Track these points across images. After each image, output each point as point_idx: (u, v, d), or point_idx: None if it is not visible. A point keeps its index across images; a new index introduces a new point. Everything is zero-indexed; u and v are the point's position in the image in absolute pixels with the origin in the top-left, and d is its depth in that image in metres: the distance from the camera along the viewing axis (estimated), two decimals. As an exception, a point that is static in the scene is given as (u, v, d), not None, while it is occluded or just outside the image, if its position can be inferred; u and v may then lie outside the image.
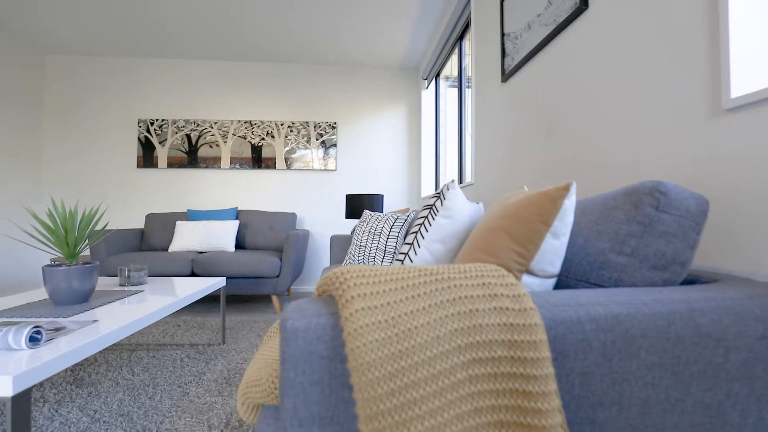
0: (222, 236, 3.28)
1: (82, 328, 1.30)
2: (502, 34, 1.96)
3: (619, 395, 0.58)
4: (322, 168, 4.05)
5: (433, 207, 0.86)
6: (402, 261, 0.86)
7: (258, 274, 3.01)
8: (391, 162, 4.17)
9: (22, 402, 0.96)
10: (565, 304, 0.56)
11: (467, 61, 3.15)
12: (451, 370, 0.46)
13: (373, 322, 0.46)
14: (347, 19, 3.30)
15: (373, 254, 2.28)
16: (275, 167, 4.02)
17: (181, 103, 4.01)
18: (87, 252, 3.93)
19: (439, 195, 0.87)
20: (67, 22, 3.34)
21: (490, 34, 2.17)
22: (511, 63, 1.87)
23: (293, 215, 3.70)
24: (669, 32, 0.97)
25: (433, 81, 3.87)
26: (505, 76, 1.93)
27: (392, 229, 2.29)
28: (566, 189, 0.62)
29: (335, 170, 4.09)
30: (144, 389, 1.76)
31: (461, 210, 0.86)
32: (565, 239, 0.65)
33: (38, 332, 1.12)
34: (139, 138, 3.94)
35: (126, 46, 3.77)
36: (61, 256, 3.65)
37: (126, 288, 2.02)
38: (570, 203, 0.62)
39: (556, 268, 0.67)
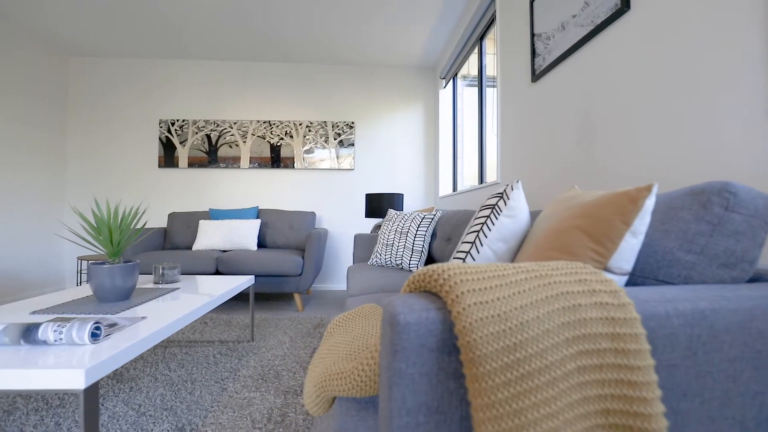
0: (244, 235, 3.33)
1: (133, 324, 1.34)
2: (532, 35, 1.98)
3: (702, 388, 0.60)
4: (340, 167, 4.09)
5: (496, 207, 0.88)
6: (463, 259, 0.89)
7: (281, 273, 3.05)
8: (409, 161, 4.19)
9: (92, 394, 1.00)
10: (653, 300, 0.58)
11: (487, 60, 3.17)
12: (561, 361, 0.49)
13: (485, 316, 0.48)
14: (367, 20, 3.33)
15: (401, 253, 2.31)
16: (294, 167, 4.06)
17: (201, 103, 4.06)
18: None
19: (501, 195, 0.89)
20: (89, 24, 3.39)
21: (517, 34, 2.18)
22: (542, 63, 1.89)
23: (312, 214, 3.74)
24: (721, 32, 0.98)
25: (451, 81, 3.89)
26: (536, 76, 1.95)
27: (419, 228, 2.31)
28: (648, 190, 0.64)
29: (353, 170, 4.12)
30: (183, 385, 1.80)
31: (522, 209, 0.88)
32: (641, 238, 0.67)
33: (98, 328, 1.16)
34: (160, 138, 3.99)
35: (147, 48, 3.82)
36: (91, 253, 3.72)
37: (161, 286, 2.07)
38: (650, 203, 0.64)
39: (630, 266, 0.69)
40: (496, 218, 0.87)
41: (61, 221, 3.84)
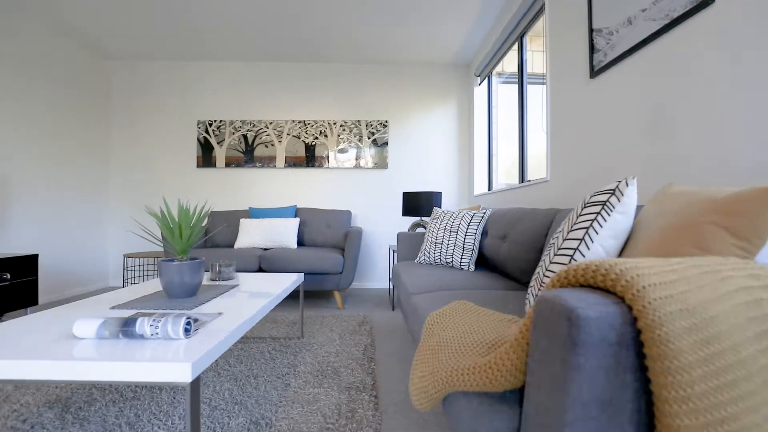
0: (285, 233, 3.37)
1: (213, 320, 1.37)
2: (591, 30, 1.95)
3: None
4: (374, 166, 4.10)
5: (608, 203, 0.87)
6: (571, 257, 0.88)
7: (322, 271, 3.08)
8: (442, 160, 4.18)
9: (196, 386, 1.03)
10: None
11: (528, 57, 3.14)
12: (754, 356, 0.48)
13: (674, 310, 0.48)
14: (402, 19, 3.33)
15: (451, 250, 2.31)
16: (328, 166, 4.09)
17: (238, 104, 4.12)
18: (160, 248, 4.10)
19: (612, 191, 0.88)
20: (128, 27, 3.48)
21: (571, 30, 2.16)
22: (603, 59, 1.86)
23: (348, 213, 3.77)
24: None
25: (486, 78, 3.86)
26: (595, 72, 1.93)
27: (470, 226, 2.31)
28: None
29: (386, 168, 4.13)
30: (246, 380, 1.83)
31: (633, 206, 0.88)
32: (787, 233, 0.66)
33: (188, 323, 1.19)
34: (198, 139, 4.07)
35: (184, 50, 3.90)
36: (137, 251, 3.82)
37: (219, 283, 2.11)
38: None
39: (772, 261, 0.68)
40: (609, 214, 0.86)
41: (135, 219, 3.96)
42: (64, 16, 3.26)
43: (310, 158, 4.09)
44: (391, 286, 4.02)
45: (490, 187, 3.92)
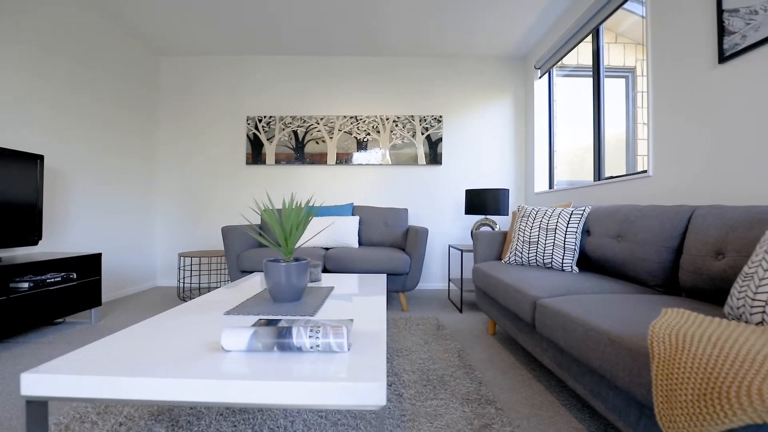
0: (346, 232, 3.24)
1: (349, 328, 1.24)
2: (720, 11, 1.78)
3: None
4: (428, 163, 3.95)
5: None
6: None
7: (390, 271, 2.95)
8: (498, 156, 4.02)
9: (382, 411, 0.90)
10: None
11: (606, 48, 2.97)
12: None
13: None
14: (463, 11, 3.18)
15: (550, 251, 2.16)
16: (380, 162, 3.95)
17: (287, 99, 4.01)
18: (220, 247, 4.00)
19: None
20: (178, 23, 3.38)
21: (688, 12, 1.99)
22: (740, 42, 1.69)
23: (405, 211, 3.62)
24: None
25: (547, 71, 3.69)
26: (725, 57, 1.76)
27: (569, 225, 2.15)
28: None
29: (440, 165, 3.98)
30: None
31: None
32: None
33: (341, 335, 1.06)
34: (247, 135, 3.97)
35: (233, 45, 3.79)
36: (191, 250, 3.72)
37: (311, 285, 1.98)
38: None
39: None
40: None
41: (243, 215, 3.89)
42: (117, 7, 3.16)
43: (362, 154, 3.95)
44: (451, 287, 3.89)
45: (551, 185, 3.74)
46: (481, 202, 3.28)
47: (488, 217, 3.47)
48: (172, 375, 0.87)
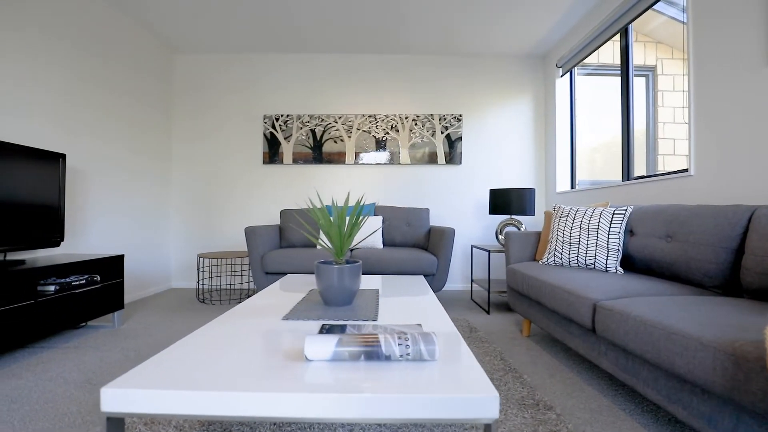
0: (370, 233, 3.18)
1: (431, 335, 1.19)
2: (773, 8, 1.75)
3: None
4: (447, 162, 3.91)
5: None
6: None
7: (416, 272, 2.90)
8: (518, 155, 3.98)
9: (495, 424, 0.85)
10: None
11: (635, 48, 2.94)
12: None
13: None
14: (486, 9, 3.14)
15: (593, 251, 2.12)
16: (399, 162, 3.90)
17: (305, 98, 3.94)
18: (239, 248, 3.92)
19: None
20: (193, 20, 3.31)
21: (734, 16, 1.96)
22: (798, 37, 1.66)
23: (427, 211, 3.58)
24: None
25: (569, 70, 3.66)
26: (780, 53, 1.73)
27: (612, 225, 2.12)
28: None
29: (460, 164, 3.94)
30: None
31: None
32: None
33: (432, 341, 1.00)
34: (264, 134, 3.90)
35: (249, 42, 3.72)
36: (210, 251, 3.64)
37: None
38: None
39: None
40: None
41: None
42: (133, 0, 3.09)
43: (380, 153, 3.90)
44: (474, 288, 3.84)
45: (572, 185, 3.71)
46: (505, 201, 3.24)
47: (513, 217, 3.43)
48: (259, 389, 0.81)
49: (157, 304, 3.27)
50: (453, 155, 3.90)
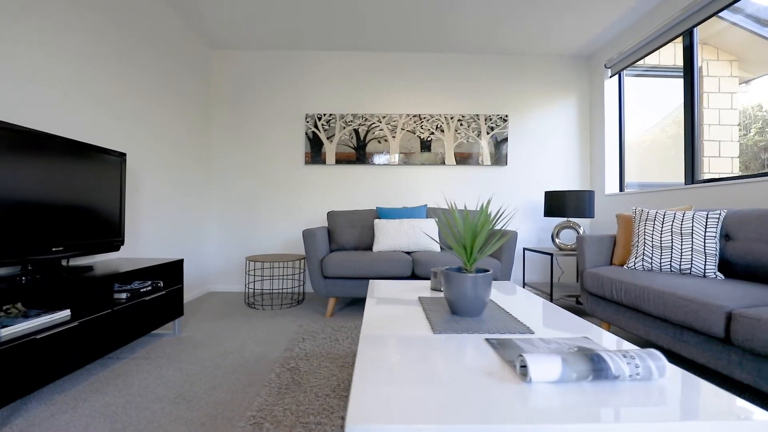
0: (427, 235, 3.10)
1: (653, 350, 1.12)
2: None
3: None
4: (493, 163, 3.85)
5: None
6: None
7: (481, 277, 2.83)
8: (562, 157, 3.95)
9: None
10: None
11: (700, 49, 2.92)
12: None
13: None
14: (540, 7, 3.09)
15: (688, 256, 2.08)
16: (444, 162, 3.83)
17: (348, 97, 3.84)
18: (280, 250, 3.80)
19: None
20: (234, 15, 3.19)
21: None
22: None
23: (477, 213, 3.51)
24: None
25: (618, 71, 3.63)
26: None
27: (707, 229, 2.08)
28: None
29: (505, 165, 3.88)
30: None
31: None
32: None
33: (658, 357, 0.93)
34: (306, 133, 3.79)
35: (291, 39, 3.61)
36: (256, 253, 3.50)
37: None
38: None
39: None
40: None
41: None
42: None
43: (425, 154, 3.82)
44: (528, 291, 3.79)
45: (621, 187, 3.69)
46: (562, 203, 3.19)
47: (570, 219, 3.39)
48: (511, 419, 0.73)
49: (204, 309, 3.14)
50: (499, 156, 3.85)
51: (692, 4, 2.77)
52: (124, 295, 2.02)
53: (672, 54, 3.75)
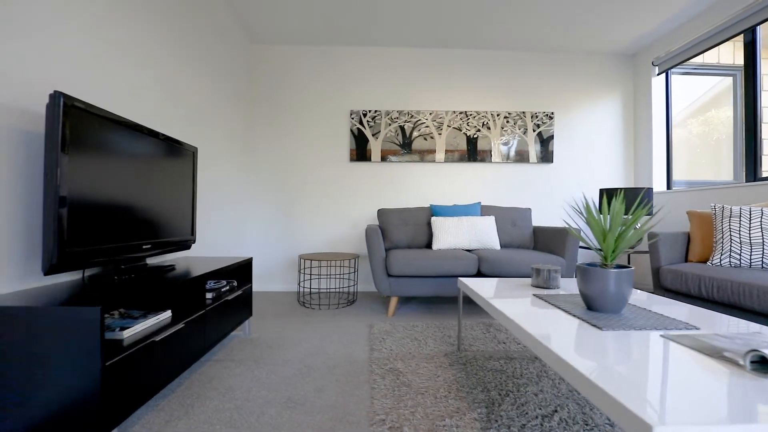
0: (486, 233, 3.06)
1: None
2: None
3: None
4: (539, 161, 3.82)
5: None
6: None
7: (547, 275, 2.79)
8: (606, 155, 3.93)
9: None
10: None
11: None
12: None
13: None
14: (588, 7, 3.07)
15: (782, 253, 2.06)
16: (491, 160, 3.79)
17: (394, 93, 3.78)
18: (325, 249, 3.71)
19: None
20: (277, 9, 3.11)
21: None
22: None
23: (529, 210, 3.48)
24: None
25: (666, 69, 3.63)
26: None
27: (801, 226, 2.06)
28: None
29: (551, 163, 3.86)
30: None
31: None
32: None
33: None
34: (351, 130, 3.72)
35: (336, 35, 3.54)
36: (310, 252, 3.41)
37: (556, 292, 1.81)
38: None
39: None
40: None
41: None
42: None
43: (471, 152, 3.78)
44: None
45: (668, 185, 3.69)
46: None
47: (626, 217, 3.37)
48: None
49: (259, 309, 3.06)
50: (545, 154, 3.82)
51: (754, 4, 2.76)
52: (210, 295, 1.94)
53: (715, 53, 3.76)
